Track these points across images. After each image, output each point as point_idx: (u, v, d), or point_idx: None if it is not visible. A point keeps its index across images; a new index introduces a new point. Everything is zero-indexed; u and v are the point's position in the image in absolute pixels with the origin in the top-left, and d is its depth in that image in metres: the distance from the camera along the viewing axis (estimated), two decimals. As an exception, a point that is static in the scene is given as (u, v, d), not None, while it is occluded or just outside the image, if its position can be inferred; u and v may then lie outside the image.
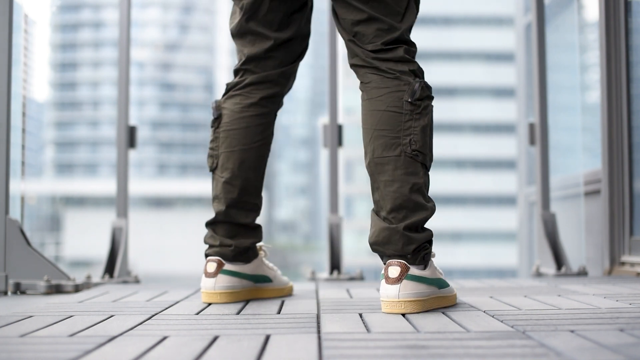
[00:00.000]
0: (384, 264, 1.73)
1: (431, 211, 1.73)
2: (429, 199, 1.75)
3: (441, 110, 37.47)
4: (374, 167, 1.75)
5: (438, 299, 1.73)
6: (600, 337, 1.26)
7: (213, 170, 1.99)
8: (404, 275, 1.66)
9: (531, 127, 3.39)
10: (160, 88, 43.95)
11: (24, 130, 2.81)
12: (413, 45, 1.80)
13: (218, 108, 1.98)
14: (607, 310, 1.65)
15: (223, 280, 1.94)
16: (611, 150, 3.04)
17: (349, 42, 1.83)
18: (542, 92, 3.34)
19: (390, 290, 1.66)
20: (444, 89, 37.59)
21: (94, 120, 43.56)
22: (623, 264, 2.93)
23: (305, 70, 42.26)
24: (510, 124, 34.65)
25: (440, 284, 1.76)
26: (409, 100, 1.72)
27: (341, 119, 3.34)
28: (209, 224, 2.00)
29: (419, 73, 1.78)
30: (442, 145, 37.04)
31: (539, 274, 3.04)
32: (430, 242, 1.75)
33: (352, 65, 1.86)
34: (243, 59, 1.98)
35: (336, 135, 3.29)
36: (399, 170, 1.71)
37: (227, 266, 1.95)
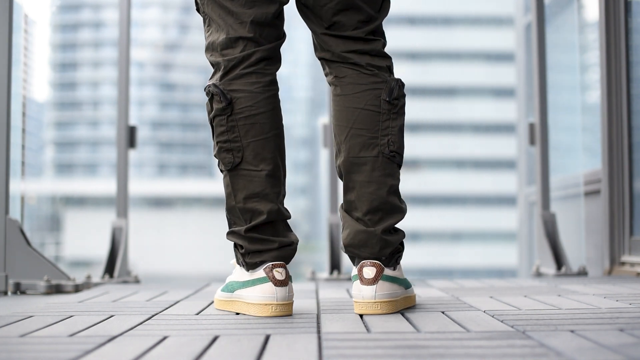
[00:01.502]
0: (355, 265, 1.70)
1: (405, 213, 1.72)
2: (402, 201, 1.74)
3: (441, 110, 37.46)
4: (350, 167, 1.69)
5: (405, 299, 1.74)
6: (600, 337, 1.26)
7: (236, 165, 1.66)
8: (379, 276, 1.64)
9: (531, 127, 3.39)
10: (160, 88, 43.93)
11: (24, 130, 2.81)
12: (385, 38, 1.79)
13: (224, 93, 1.66)
14: (607, 310, 1.65)
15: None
16: (611, 150, 3.04)
17: (322, 35, 1.75)
18: (542, 92, 3.34)
19: (366, 291, 1.63)
20: (444, 89, 37.57)
21: (94, 120, 43.54)
22: (623, 264, 2.93)
23: (305, 70, 42.25)
24: (510, 124, 34.64)
25: (406, 284, 1.76)
26: (387, 99, 1.69)
27: (341, 119, 3.33)
28: (252, 229, 1.67)
29: (392, 69, 1.77)
30: (442, 145, 37.03)
31: (539, 274, 3.04)
32: (402, 245, 1.74)
33: (323, 59, 1.78)
34: (245, 24, 1.66)
35: (336, 135, 3.28)
36: (377, 171, 1.67)
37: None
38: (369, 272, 1.64)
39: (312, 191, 39.29)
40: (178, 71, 43.86)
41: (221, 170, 1.71)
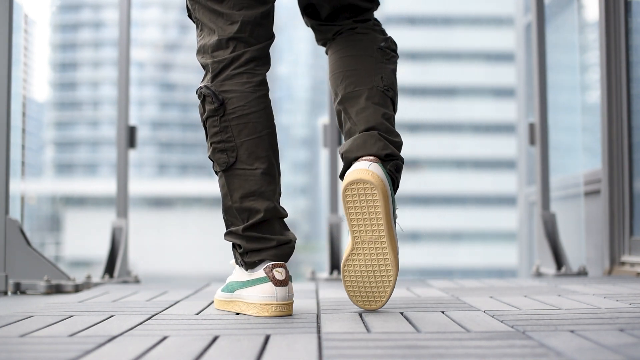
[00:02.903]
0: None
1: (401, 142, 1.72)
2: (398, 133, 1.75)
3: (441, 110, 37.46)
4: (346, 102, 1.75)
5: (390, 222, 1.64)
6: (600, 337, 1.26)
7: (231, 165, 1.67)
8: (377, 162, 1.64)
9: (531, 127, 3.39)
10: (160, 88, 43.94)
11: (24, 130, 2.81)
12: (378, 21, 1.89)
13: (216, 94, 1.68)
14: (607, 310, 1.65)
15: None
16: (611, 150, 3.04)
17: (318, 26, 1.87)
18: (542, 92, 3.34)
19: (360, 163, 1.63)
20: (444, 89, 37.56)
21: (94, 120, 43.54)
22: (623, 264, 2.93)
23: (306, 70, 42.24)
24: (510, 124, 34.65)
25: (395, 215, 1.68)
26: (379, 47, 1.79)
27: (341, 119, 3.33)
28: (249, 228, 1.67)
29: (385, 33, 1.85)
30: (442, 145, 37.02)
31: (539, 274, 3.04)
32: (400, 167, 1.70)
33: (321, 42, 1.90)
34: (235, 24, 1.68)
35: (336, 135, 3.29)
36: (371, 99, 1.72)
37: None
38: (367, 158, 1.64)
39: (312, 191, 39.27)
40: (178, 71, 43.87)
41: (216, 172, 1.72)
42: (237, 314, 1.70)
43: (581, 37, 4.20)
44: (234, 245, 1.73)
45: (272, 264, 1.65)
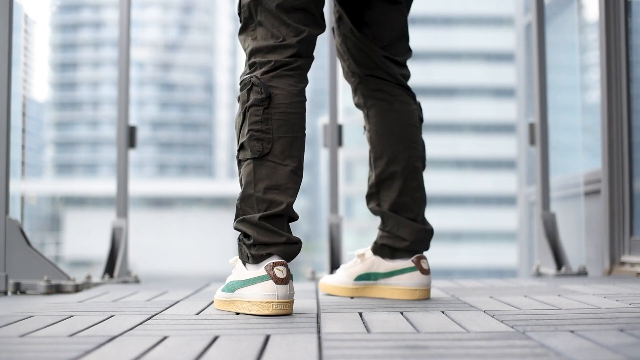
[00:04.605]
0: (398, 257, 2.01)
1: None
2: None
3: (441, 110, 37.46)
4: (408, 174, 2.02)
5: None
6: (600, 337, 1.26)
7: (264, 155, 1.71)
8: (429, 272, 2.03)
9: (531, 127, 3.39)
10: (160, 88, 43.96)
11: (24, 130, 2.81)
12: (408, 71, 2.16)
13: (266, 86, 1.73)
14: (607, 310, 1.65)
15: None
16: (611, 150, 3.04)
17: (383, 58, 2.03)
18: (542, 92, 3.34)
19: (426, 279, 2.00)
20: (444, 89, 37.56)
21: (94, 120, 43.57)
22: (623, 264, 2.93)
23: (305, 70, 42.25)
24: (510, 124, 34.65)
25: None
26: (420, 117, 2.07)
27: (341, 119, 3.34)
28: (265, 218, 1.69)
29: (417, 100, 2.11)
30: (442, 145, 37.02)
31: (539, 274, 3.04)
32: None
33: (373, 77, 2.05)
34: (301, 35, 1.78)
35: (336, 135, 3.29)
36: (421, 179, 2.04)
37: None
38: (426, 264, 2.02)
39: (312, 191, 39.27)
40: (178, 71, 43.88)
41: (241, 160, 1.74)
42: (237, 313, 1.70)
43: (581, 37, 4.20)
44: (241, 239, 1.73)
45: (274, 262, 1.65)
